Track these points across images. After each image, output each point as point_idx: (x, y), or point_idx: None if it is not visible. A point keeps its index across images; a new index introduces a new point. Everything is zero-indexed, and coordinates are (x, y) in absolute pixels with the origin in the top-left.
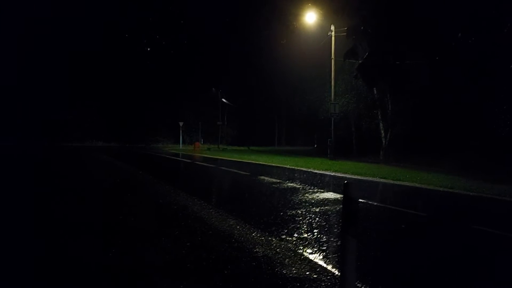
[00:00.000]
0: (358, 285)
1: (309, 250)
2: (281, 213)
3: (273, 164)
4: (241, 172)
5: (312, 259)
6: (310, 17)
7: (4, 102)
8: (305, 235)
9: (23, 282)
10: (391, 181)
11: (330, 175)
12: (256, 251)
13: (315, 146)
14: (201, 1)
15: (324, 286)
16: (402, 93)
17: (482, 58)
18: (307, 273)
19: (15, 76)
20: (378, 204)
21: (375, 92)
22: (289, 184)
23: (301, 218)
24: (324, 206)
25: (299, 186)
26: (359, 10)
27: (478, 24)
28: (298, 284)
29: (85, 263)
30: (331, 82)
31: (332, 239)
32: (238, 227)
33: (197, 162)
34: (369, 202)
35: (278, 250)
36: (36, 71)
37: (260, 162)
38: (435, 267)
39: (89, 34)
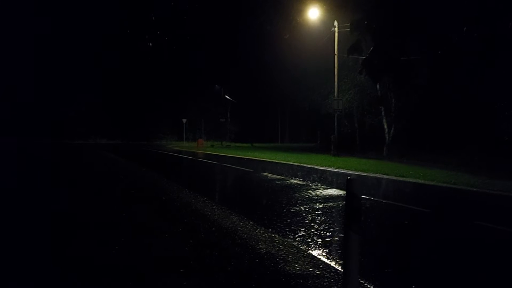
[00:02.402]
0: (361, 281)
1: (312, 247)
2: (285, 210)
3: (276, 161)
4: (244, 168)
5: (315, 255)
6: (313, 12)
7: (5, 99)
8: (308, 232)
9: (26, 279)
10: (394, 177)
11: (333, 171)
12: (259, 248)
13: (319, 142)
14: None
15: (327, 283)
16: (406, 89)
17: (487, 54)
18: (310, 269)
19: (17, 73)
20: (381, 200)
21: (378, 88)
22: (292, 180)
23: (304, 214)
24: (327, 203)
25: (302, 183)
26: (363, 4)
27: (482, 18)
28: (301, 281)
29: (88, 259)
30: (334, 78)
31: (335, 235)
32: (241, 223)
33: (200, 159)
34: (372, 198)
35: (281, 246)
36: (39, 69)
37: (263, 159)
38: (437, 262)
39: (92, 31)
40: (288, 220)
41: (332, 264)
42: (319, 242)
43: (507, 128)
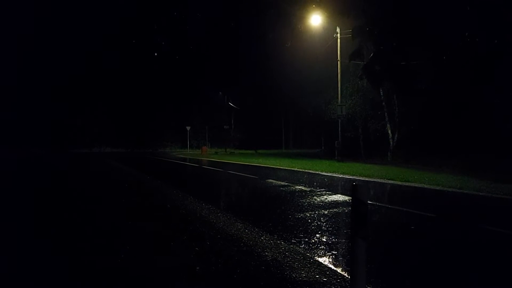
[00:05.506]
0: (369, 287)
1: (318, 253)
2: (290, 216)
3: (281, 167)
4: (248, 175)
5: (322, 262)
6: (315, 20)
7: (6, 106)
8: (314, 238)
9: (33, 285)
10: (399, 183)
11: (338, 177)
12: (265, 255)
13: (323, 148)
14: (205, 6)
15: None
16: (408, 94)
17: (490, 57)
18: (317, 276)
19: (17, 78)
20: (387, 206)
21: (381, 94)
22: (297, 186)
23: (309, 221)
24: (333, 209)
25: (307, 189)
26: (364, 11)
27: (484, 23)
28: None
29: (95, 267)
30: (337, 84)
31: (342, 241)
32: (246, 230)
33: (204, 166)
34: (378, 203)
35: (287, 253)
36: (42, 75)
37: (268, 165)
38: (445, 268)
39: (96, 40)
40: (294, 227)
41: (339, 270)
42: (325, 249)
43: None
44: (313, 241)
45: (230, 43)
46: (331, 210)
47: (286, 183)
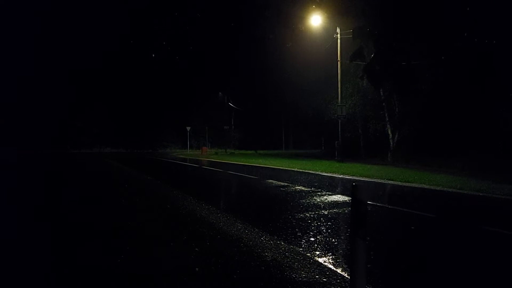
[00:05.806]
0: None
1: (318, 254)
2: (290, 217)
3: (281, 168)
4: (248, 176)
5: (322, 262)
6: (315, 20)
7: (6, 107)
8: (314, 239)
9: (35, 285)
10: (399, 183)
11: (338, 177)
12: (265, 255)
13: (323, 148)
14: (205, 7)
15: None
16: (408, 94)
17: (489, 57)
18: (317, 276)
19: (17, 78)
20: (387, 206)
21: (381, 94)
22: (297, 187)
23: (309, 221)
24: (333, 209)
25: (307, 189)
26: (364, 12)
27: (483, 24)
28: None
29: (95, 267)
30: (337, 84)
31: (341, 242)
32: (246, 231)
33: (204, 167)
34: (378, 204)
35: (287, 254)
36: (42, 76)
37: (268, 166)
38: (445, 269)
39: (97, 40)
40: (294, 227)
41: (339, 271)
42: (325, 249)
43: None
44: (313, 241)
45: (230, 43)
46: (331, 210)
47: (286, 184)
